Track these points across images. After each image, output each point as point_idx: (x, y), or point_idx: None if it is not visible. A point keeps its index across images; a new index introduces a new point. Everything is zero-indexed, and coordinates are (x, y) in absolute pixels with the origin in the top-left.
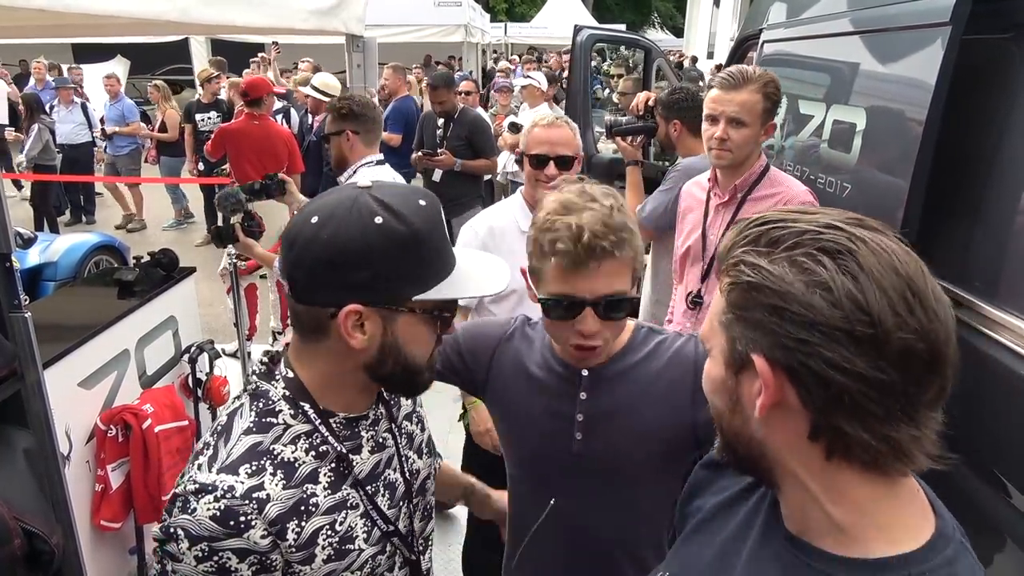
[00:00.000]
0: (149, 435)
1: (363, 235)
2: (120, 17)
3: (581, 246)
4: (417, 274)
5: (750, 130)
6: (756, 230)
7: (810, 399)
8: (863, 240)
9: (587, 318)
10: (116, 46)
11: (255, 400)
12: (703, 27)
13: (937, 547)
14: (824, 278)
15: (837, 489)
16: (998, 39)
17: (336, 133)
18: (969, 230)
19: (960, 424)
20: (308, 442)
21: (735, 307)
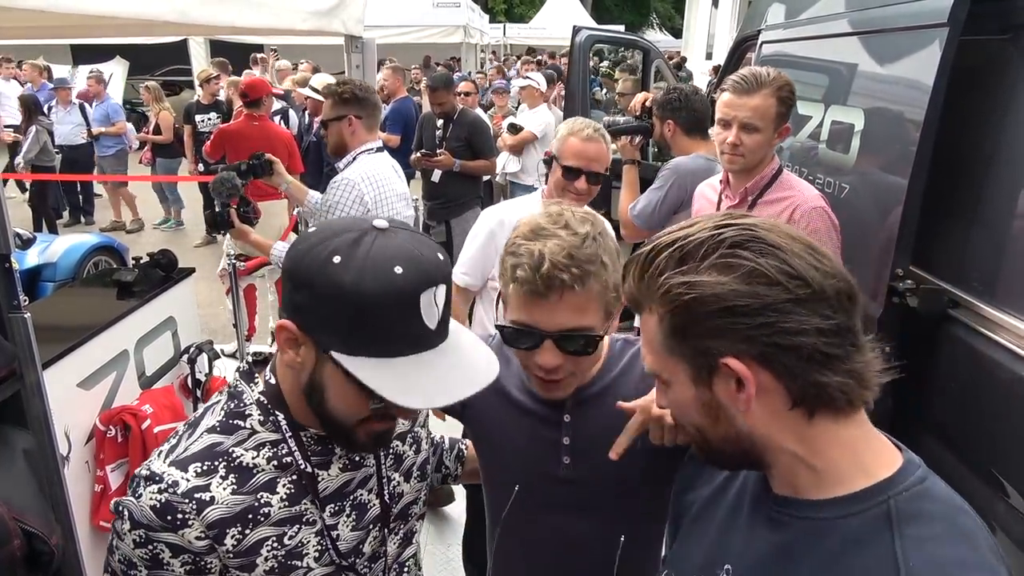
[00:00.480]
0: (148, 435)
1: (315, 266)
2: (118, 18)
3: (540, 276)
4: (342, 332)
5: (763, 135)
6: (663, 257)
7: (785, 371)
8: (754, 224)
9: (545, 351)
10: (115, 47)
11: (230, 399)
12: (701, 28)
13: (908, 471)
14: (751, 266)
15: (819, 443)
16: (996, 40)
17: (338, 118)
18: (967, 230)
19: (959, 424)
20: (272, 451)
21: (682, 328)
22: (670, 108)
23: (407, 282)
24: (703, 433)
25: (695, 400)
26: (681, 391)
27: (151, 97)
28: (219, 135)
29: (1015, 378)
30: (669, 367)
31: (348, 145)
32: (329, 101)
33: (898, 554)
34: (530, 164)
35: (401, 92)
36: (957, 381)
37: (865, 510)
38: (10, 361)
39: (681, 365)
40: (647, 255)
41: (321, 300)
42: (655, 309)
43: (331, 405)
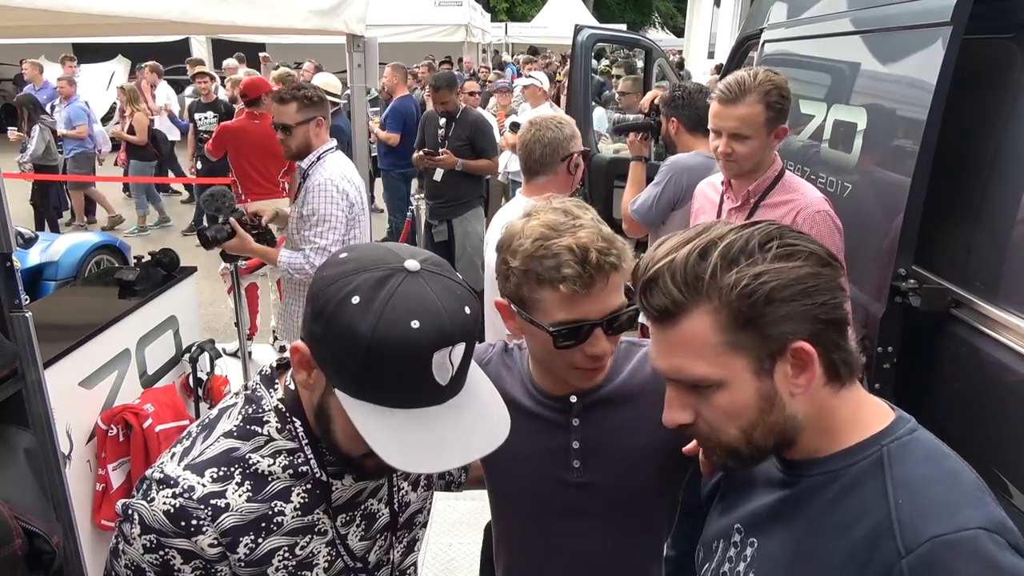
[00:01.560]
0: (150, 434)
1: (333, 302)
2: (121, 17)
3: (590, 266)
4: (351, 375)
5: (754, 141)
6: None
7: (830, 346)
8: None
9: (599, 340)
10: (117, 46)
11: (248, 404)
12: (703, 27)
13: (899, 424)
14: (807, 251)
15: (834, 410)
16: (999, 39)
17: (306, 121)
18: (970, 230)
19: (960, 423)
20: (288, 459)
21: (755, 318)
22: (674, 105)
23: (422, 339)
24: (747, 434)
25: (756, 394)
26: (741, 389)
27: (126, 98)
28: (221, 133)
29: (1017, 377)
30: (728, 366)
31: (312, 147)
32: (295, 104)
33: (888, 492)
34: None
35: (402, 90)
36: (959, 380)
37: (863, 458)
38: (11, 360)
39: (743, 360)
40: (685, 258)
41: (333, 338)
42: (715, 307)
43: (336, 436)
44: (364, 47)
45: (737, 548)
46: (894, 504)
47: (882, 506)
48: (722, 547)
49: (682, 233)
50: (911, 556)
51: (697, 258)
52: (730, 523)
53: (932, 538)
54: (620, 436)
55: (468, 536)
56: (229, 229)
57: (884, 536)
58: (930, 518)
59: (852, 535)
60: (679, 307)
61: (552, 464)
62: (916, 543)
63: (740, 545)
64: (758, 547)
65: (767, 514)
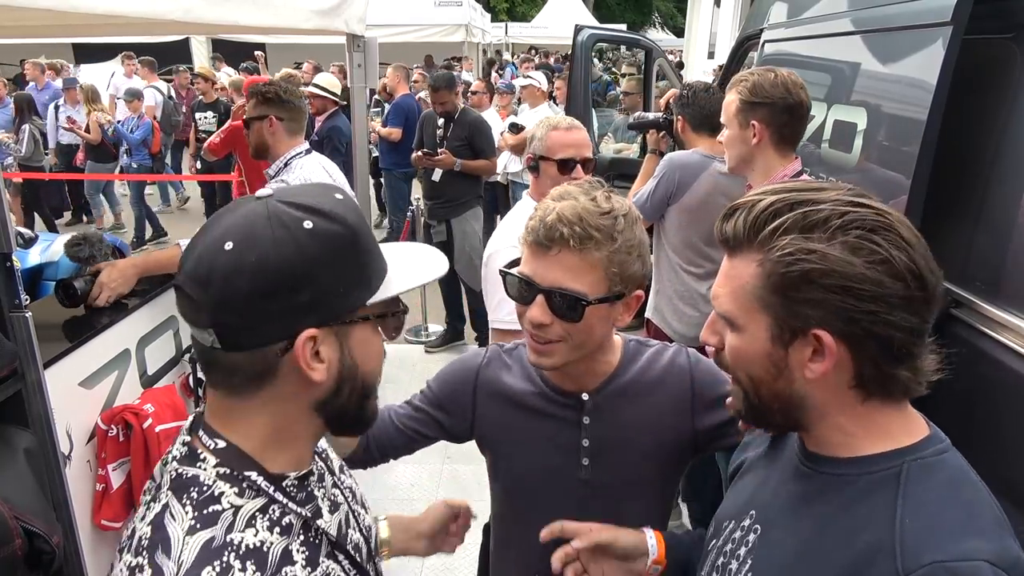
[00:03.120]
0: (150, 434)
1: (298, 248)
2: (124, 17)
3: (544, 226)
4: (362, 276)
5: (729, 130)
6: (791, 216)
7: (866, 357)
8: (887, 212)
9: (535, 305)
10: (117, 46)
11: (183, 492)
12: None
13: (930, 443)
14: (883, 255)
15: (863, 418)
16: (999, 39)
17: (259, 118)
18: (970, 230)
19: (961, 424)
20: (267, 518)
21: (789, 288)
22: (680, 104)
23: (350, 198)
24: (755, 385)
25: (764, 354)
26: (754, 342)
27: (83, 97)
28: (230, 132)
29: (1018, 378)
30: (751, 316)
31: (270, 147)
32: (252, 101)
33: (897, 509)
34: None
35: (403, 89)
36: (959, 381)
37: (882, 469)
38: (11, 360)
39: (765, 319)
40: (768, 206)
41: (331, 269)
42: (761, 260)
43: (365, 372)
44: (364, 47)
45: (743, 532)
46: (899, 522)
47: (887, 522)
48: (730, 528)
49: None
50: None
51: (778, 209)
52: (745, 506)
53: (932, 563)
54: (628, 434)
55: (468, 536)
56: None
57: (884, 553)
58: (934, 542)
59: (854, 545)
60: (738, 243)
61: (561, 461)
62: (916, 564)
63: (747, 530)
64: (761, 534)
65: (777, 504)
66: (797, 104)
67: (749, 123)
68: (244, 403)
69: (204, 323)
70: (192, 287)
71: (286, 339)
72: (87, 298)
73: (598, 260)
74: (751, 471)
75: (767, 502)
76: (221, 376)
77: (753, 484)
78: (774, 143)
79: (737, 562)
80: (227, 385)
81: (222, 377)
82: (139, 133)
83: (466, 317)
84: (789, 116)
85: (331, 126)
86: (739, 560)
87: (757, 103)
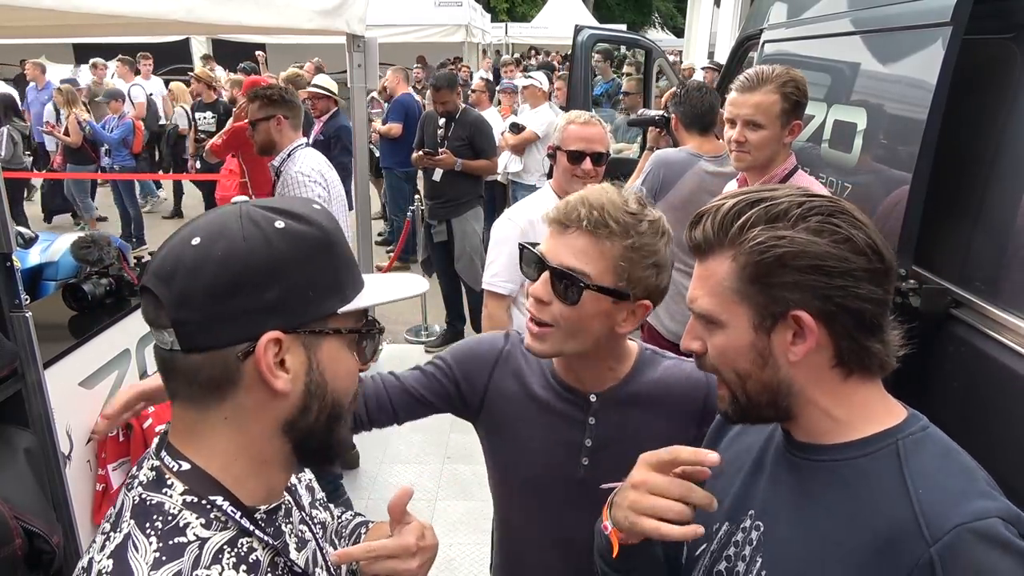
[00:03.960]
0: (150, 434)
1: (267, 243)
2: (127, 17)
3: (566, 205)
4: (334, 282)
5: (768, 131)
6: (753, 212)
7: (842, 332)
8: (837, 199)
9: (540, 281)
10: (117, 46)
11: (145, 521)
12: (703, 27)
13: (911, 422)
14: (844, 234)
15: (845, 399)
16: (999, 39)
17: (266, 119)
18: (970, 230)
19: (961, 424)
20: (235, 553)
21: (764, 275)
22: (675, 102)
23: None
24: (743, 380)
25: (749, 345)
26: (737, 335)
27: (63, 100)
28: (232, 134)
29: (1018, 378)
30: (731, 311)
31: (276, 144)
32: (258, 103)
33: (908, 484)
34: (532, 164)
35: (403, 89)
36: (959, 381)
37: (877, 450)
38: (11, 360)
39: (746, 311)
40: (731, 207)
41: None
42: (734, 256)
43: (337, 391)
44: (364, 47)
45: (745, 533)
46: (915, 496)
47: (903, 497)
48: (726, 529)
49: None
50: (939, 544)
51: (741, 208)
52: (740, 506)
53: (957, 526)
54: (631, 439)
55: (468, 536)
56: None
57: (908, 527)
58: (952, 507)
59: (872, 526)
60: (709, 245)
61: (561, 458)
62: (942, 531)
63: (748, 530)
64: (765, 532)
65: (776, 499)
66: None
67: (791, 123)
68: (206, 417)
69: (164, 322)
70: (156, 284)
71: (247, 340)
72: (95, 301)
73: (608, 249)
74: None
75: (763, 499)
76: (181, 384)
77: (740, 483)
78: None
79: (744, 563)
80: (187, 396)
81: (182, 385)
82: (117, 133)
83: (466, 317)
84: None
85: (339, 125)
86: (746, 561)
87: (802, 103)
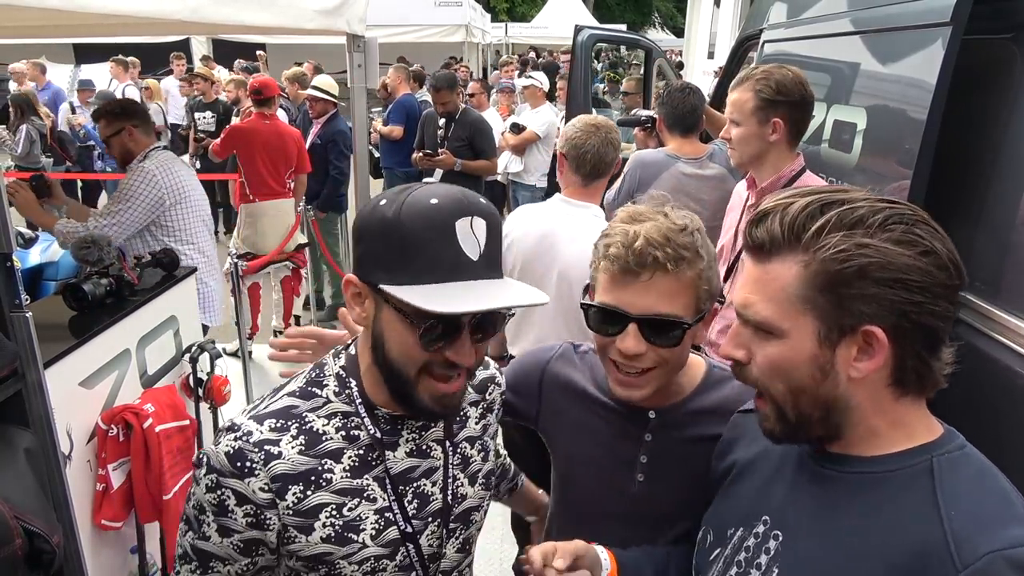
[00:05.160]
0: (150, 434)
1: (369, 215)
2: (132, 17)
3: (632, 252)
4: (386, 262)
5: (743, 128)
6: (831, 215)
7: (910, 349)
8: (916, 207)
9: (628, 335)
10: (117, 46)
11: (313, 369)
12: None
13: (948, 439)
14: (928, 246)
15: (892, 416)
16: (999, 39)
17: (116, 133)
18: (970, 230)
19: (962, 425)
20: (343, 422)
21: (839, 286)
22: (659, 103)
23: (442, 209)
24: (795, 395)
25: (810, 358)
26: (799, 345)
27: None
28: (230, 133)
29: (1018, 378)
30: (794, 319)
31: (132, 151)
32: (103, 121)
33: (940, 505)
34: (532, 164)
35: (404, 89)
36: (959, 381)
37: (911, 465)
38: (11, 360)
39: (812, 320)
40: (803, 207)
41: (372, 239)
42: (806, 261)
43: (392, 355)
44: (364, 47)
45: (758, 539)
46: (947, 517)
47: (934, 519)
48: (740, 535)
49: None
50: (969, 570)
51: (815, 210)
52: (753, 512)
53: (989, 553)
54: (687, 458)
55: (482, 537)
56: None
57: (938, 549)
58: (985, 533)
59: (900, 544)
60: (775, 247)
61: (616, 472)
62: (973, 557)
63: (762, 537)
64: (784, 541)
65: (797, 509)
66: (810, 100)
67: (769, 120)
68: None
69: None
70: None
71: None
72: (95, 301)
73: (690, 280)
74: (747, 474)
75: (782, 507)
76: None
77: (756, 488)
78: (787, 139)
79: (759, 572)
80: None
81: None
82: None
83: None
84: (803, 113)
85: (336, 129)
86: (760, 570)
87: (779, 101)
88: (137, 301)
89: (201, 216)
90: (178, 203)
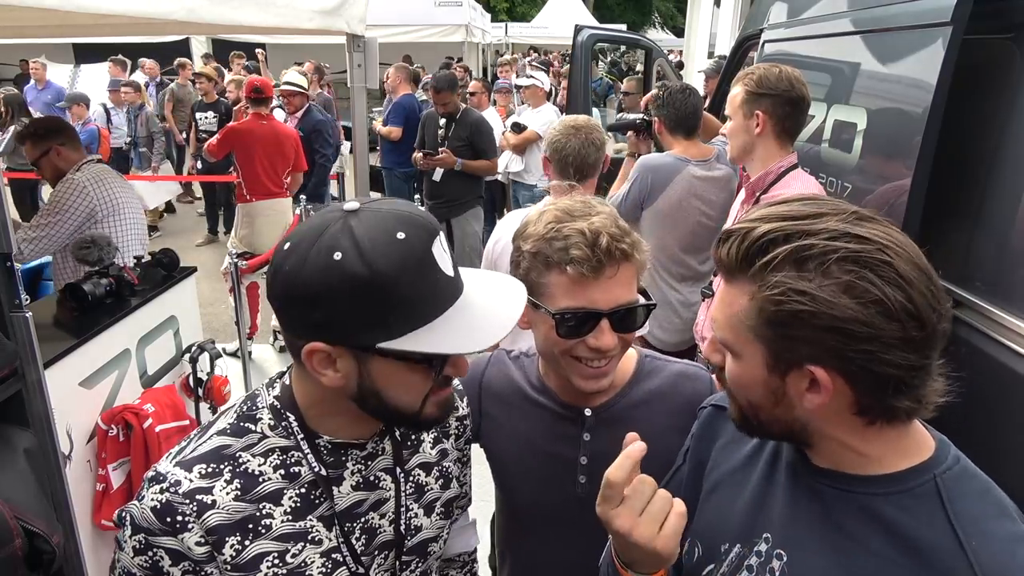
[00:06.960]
0: (150, 434)
1: (319, 274)
2: (128, 17)
3: (600, 250)
4: (380, 320)
5: (733, 121)
6: (781, 251)
7: (864, 389)
8: (886, 245)
9: (603, 332)
10: (117, 46)
11: (245, 401)
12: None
13: (942, 452)
14: (876, 295)
15: (870, 439)
16: (999, 39)
17: (44, 154)
18: (970, 230)
19: (961, 425)
20: (281, 458)
21: (780, 325)
22: (657, 105)
23: (414, 244)
24: (755, 410)
25: (762, 383)
26: (750, 370)
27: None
28: (227, 133)
29: (1018, 378)
30: (746, 345)
31: (62, 169)
32: (28, 144)
33: (958, 532)
34: (533, 163)
35: (404, 89)
36: (960, 382)
37: (915, 487)
38: (11, 360)
39: (761, 350)
40: (761, 235)
41: (342, 300)
42: (752, 293)
43: (392, 401)
44: (364, 47)
45: (761, 558)
46: (968, 546)
47: (952, 548)
48: (737, 552)
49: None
50: None
51: (772, 240)
52: (752, 528)
53: None
54: None
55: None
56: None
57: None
58: (1008, 558)
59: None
60: (731, 271)
61: (558, 476)
62: None
63: (766, 556)
64: (789, 562)
65: (798, 526)
66: (800, 98)
67: (753, 113)
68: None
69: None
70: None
71: (301, 341)
72: (95, 301)
73: (638, 261)
74: (731, 484)
75: (782, 524)
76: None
77: (749, 501)
78: (775, 134)
79: None
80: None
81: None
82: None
83: None
84: (791, 109)
85: (316, 120)
86: None
87: (762, 94)
88: (137, 301)
89: (136, 231)
90: (110, 216)
